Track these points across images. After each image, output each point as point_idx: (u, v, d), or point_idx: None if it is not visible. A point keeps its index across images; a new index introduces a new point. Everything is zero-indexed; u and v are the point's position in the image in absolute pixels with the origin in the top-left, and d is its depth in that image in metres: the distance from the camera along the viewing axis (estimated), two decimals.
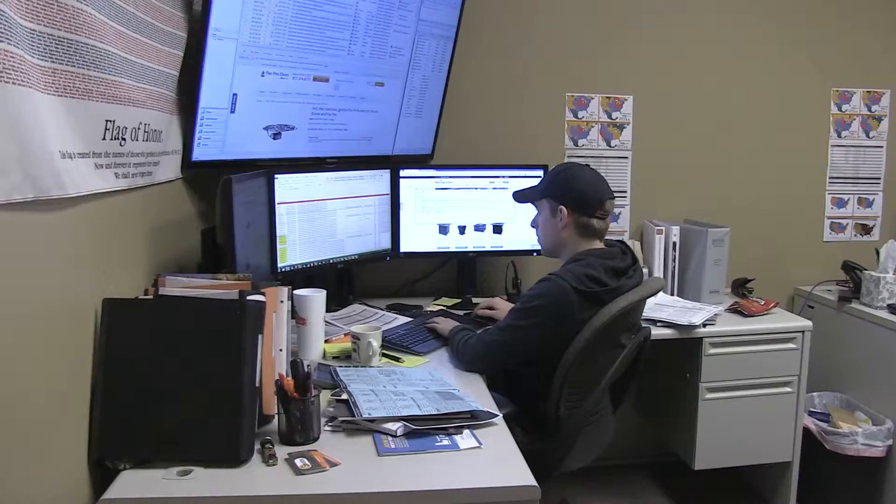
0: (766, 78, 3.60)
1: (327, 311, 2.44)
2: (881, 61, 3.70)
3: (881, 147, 3.77)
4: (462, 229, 3.18)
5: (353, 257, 2.98)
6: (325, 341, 2.41)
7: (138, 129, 1.86)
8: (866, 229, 3.82)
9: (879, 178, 3.79)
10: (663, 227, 3.31)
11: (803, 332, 3.03)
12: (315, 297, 2.29)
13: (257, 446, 1.67)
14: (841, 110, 3.71)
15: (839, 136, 3.72)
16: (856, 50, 3.67)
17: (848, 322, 3.32)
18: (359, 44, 2.78)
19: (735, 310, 3.15)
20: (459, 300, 3.16)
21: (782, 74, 3.62)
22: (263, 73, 2.49)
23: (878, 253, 3.28)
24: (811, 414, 3.23)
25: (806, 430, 3.13)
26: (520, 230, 3.12)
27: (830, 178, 3.75)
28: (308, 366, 1.77)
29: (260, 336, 1.70)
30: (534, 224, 2.49)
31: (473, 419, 1.85)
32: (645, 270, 3.18)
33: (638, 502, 3.37)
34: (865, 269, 3.32)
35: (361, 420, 1.78)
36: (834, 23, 3.62)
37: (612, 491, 3.45)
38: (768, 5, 3.56)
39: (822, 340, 3.27)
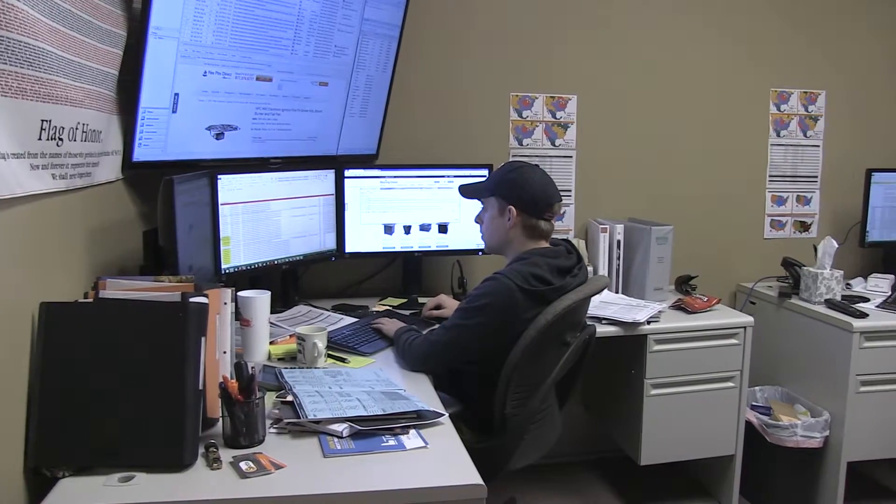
0: (708, 78, 3.67)
1: (272, 312, 2.42)
2: (817, 63, 3.80)
3: (818, 146, 3.86)
4: (407, 229, 3.17)
5: (298, 258, 2.95)
6: (270, 343, 2.39)
7: (76, 129, 1.83)
8: (805, 226, 3.91)
9: (816, 177, 3.88)
10: (607, 226, 3.35)
11: (745, 327, 3.09)
12: (259, 299, 2.27)
13: (201, 450, 1.65)
14: (780, 110, 3.79)
15: (778, 135, 3.81)
16: (793, 51, 3.76)
17: (788, 317, 3.40)
18: (302, 43, 2.76)
19: (678, 306, 3.19)
20: (405, 300, 3.16)
21: (723, 75, 3.69)
22: (206, 72, 2.45)
23: (815, 249, 3.35)
24: (753, 408, 3.30)
25: (748, 424, 3.19)
26: (465, 229, 3.13)
27: (770, 176, 3.83)
28: (252, 368, 1.75)
29: (203, 338, 1.68)
30: (478, 220, 2.49)
31: (419, 419, 1.85)
32: (590, 269, 3.22)
33: (585, 498, 3.41)
34: (804, 266, 3.40)
35: (307, 421, 1.77)
36: (772, 25, 3.71)
37: (559, 488, 3.47)
38: (710, 7, 3.62)
39: (763, 335, 3.35)
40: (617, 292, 3.33)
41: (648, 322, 2.95)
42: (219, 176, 2.57)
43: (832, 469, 3.17)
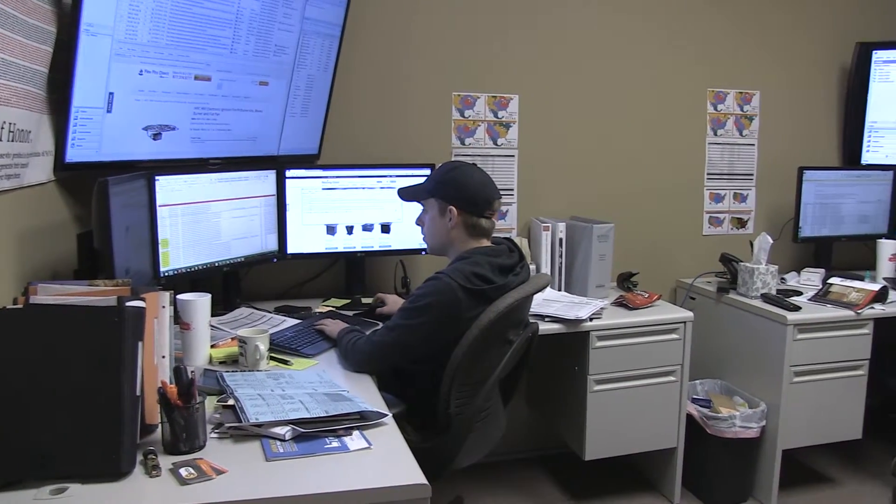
0: (648, 78, 3.72)
1: (214, 315, 2.38)
2: (751, 63, 3.88)
3: (753, 145, 3.94)
4: (350, 229, 3.16)
5: (239, 259, 2.91)
6: (212, 346, 2.35)
7: (2, 128, 1.78)
8: (741, 223, 3.99)
9: (752, 175, 3.97)
10: (550, 224, 3.37)
11: (685, 322, 3.14)
12: (199, 302, 2.23)
13: (139, 458, 1.61)
14: (716, 109, 3.86)
15: (715, 134, 3.88)
16: (729, 52, 3.83)
17: (726, 311, 3.47)
18: (242, 42, 2.72)
19: (620, 303, 3.23)
20: (348, 301, 3.14)
21: (662, 75, 3.74)
22: (141, 71, 2.40)
23: (751, 245, 3.43)
24: (694, 401, 3.35)
25: (689, 417, 3.24)
26: (408, 229, 3.11)
27: (708, 174, 3.90)
28: (192, 372, 1.72)
29: (140, 343, 1.64)
30: (419, 222, 2.49)
31: (363, 420, 1.83)
32: (532, 267, 3.24)
33: (531, 495, 3.42)
34: (741, 261, 3.47)
35: (248, 425, 1.74)
36: (709, 25, 3.78)
37: (505, 485, 3.49)
38: (649, 8, 3.68)
39: (702, 330, 3.41)
40: (559, 290, 3.35)
41: (591, 319, 2.98)
42: (157, 177, 2.52)
43: (768, 457, 3.26)
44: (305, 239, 3.11)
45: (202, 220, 2.73)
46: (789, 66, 3.95)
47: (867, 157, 4.05)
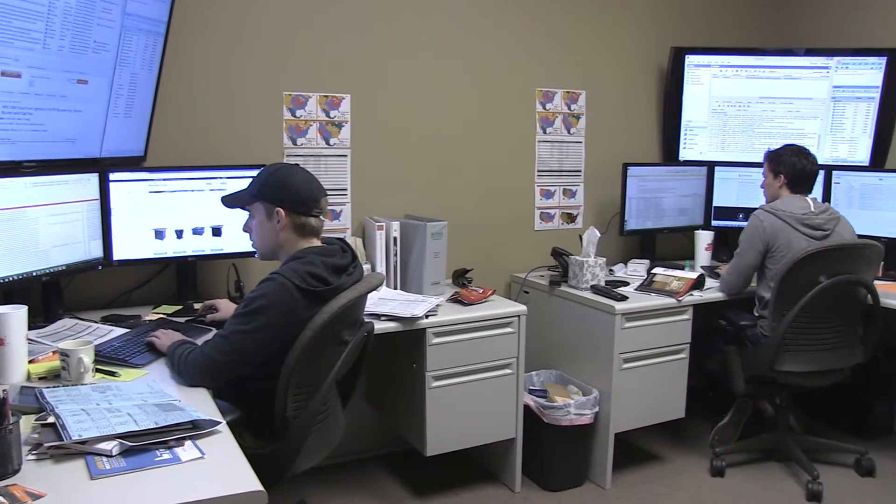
0: (479, 77, 3.81)
1: (32, 327, 2.26)
2: (577, 64, 4.06)
3: (580, 142, 4.12)
4: (179, 233, 3.06)
5: (60, 268, 2.75)
6: (30, 361, 2.21)
7: None
8: (571, 218, 4.16)
9: (580, 171, 4.14)
10: (384, 223, 3.38)
11: (519, 316, 3.24)
12: (12, 315, 2.09)
13: None
14: (545, 108, 4.00)
15: (545, 132, 4.02)
16: (556, 53, 3.99)
17: (558, 304, 3.60)
18: (56, 37, 2.57)
19: (456, 299, 3.29)
20: (180, 307, 3.04)
21: (493, 74, 3.84)
22: None
23: (581, 239, 3.57)
24: (531, 392, 3.46)
25: (527, 407, 3.35)
26: (239, 232, 3.03)
27: (539, 171, 4.04)
28: (4, 390, 1.62)
29: None
30: (246, 228, 2.44)
31: (196, 429, 1.78)
32: (367, 266, 3.25)
33: (375, 494, 3.43)
34: (571, 255, 3.61)
35: (70, 443, 1.65)
36: (537, 26, 3.92)
37: (349, 486, 3.48)
38: (479, 8, 3.76)
39: (536, 322, 3.53)
40: (395, 288, 3.38)
41: (426, 316, 3.02)
42: None
43: (602, 441, 3.42)
44: (132, 244, 2.99)
45: (16, 227, 2.56)
46: (612, 68, 4.15)
47: (684, 154, 4.33)
